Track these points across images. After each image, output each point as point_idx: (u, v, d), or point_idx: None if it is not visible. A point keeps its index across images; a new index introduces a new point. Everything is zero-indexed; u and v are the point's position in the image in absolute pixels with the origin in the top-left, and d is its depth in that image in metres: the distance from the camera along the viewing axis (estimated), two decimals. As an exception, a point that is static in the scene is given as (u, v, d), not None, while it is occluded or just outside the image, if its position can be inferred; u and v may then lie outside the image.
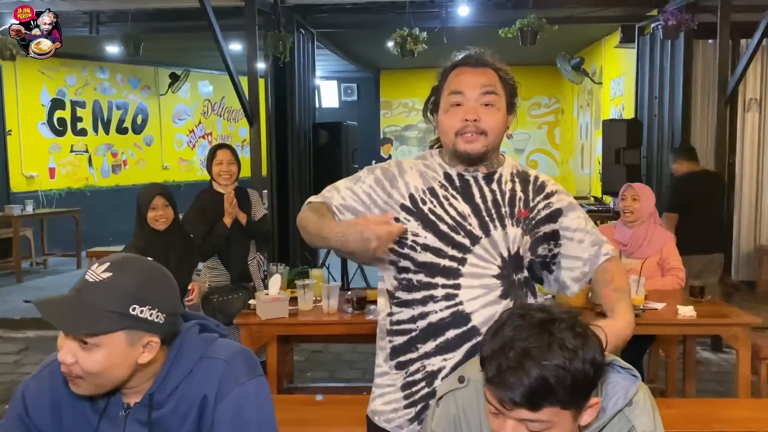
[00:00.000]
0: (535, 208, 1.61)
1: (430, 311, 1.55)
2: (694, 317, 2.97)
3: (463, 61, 1.61)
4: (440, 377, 1.53)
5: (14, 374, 4.71)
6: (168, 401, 1.28)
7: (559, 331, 1.14)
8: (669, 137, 5.99)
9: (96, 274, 1.21)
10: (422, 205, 1.58)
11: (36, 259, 8.42)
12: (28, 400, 1.33)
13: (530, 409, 1.11)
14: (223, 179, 3.65)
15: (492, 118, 1.55)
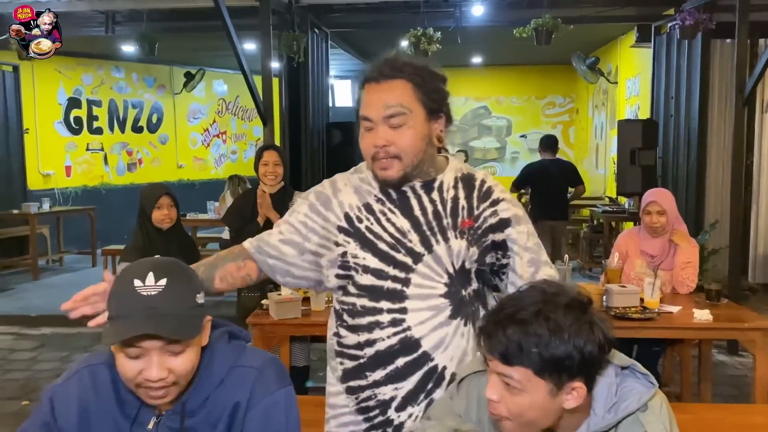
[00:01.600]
0: (481, 216, 1.51)
1: (377, 338, 1.47)
2: (711, 321, 2.93)
3: (368, 76, 1.48)
4: (393, 407, 1.47)
5: (30, 371, 4.75)
6: (200, 410, 1.29)
7: (555, 305, 1.18)
8: (685, 138, 5.93)
9: (151, 287, 1.20)
10: (358, 224, 1.50)
11: (52, 257, 8.50)
12: (55, 406, 1.32)
13: (504, 363, 1.18)
14: (269, 180, 3.70)
15: (403, 139, 1.44)
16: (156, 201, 3.23)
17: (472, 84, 11.80)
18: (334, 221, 1.52)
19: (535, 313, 1.17)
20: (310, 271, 1.57)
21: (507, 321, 1.18)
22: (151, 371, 1.20)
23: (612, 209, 7.43)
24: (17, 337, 5.60)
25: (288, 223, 1.58)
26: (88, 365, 1.35)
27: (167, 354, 1.21)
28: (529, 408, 1.19)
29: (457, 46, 6.64)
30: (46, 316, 5.95)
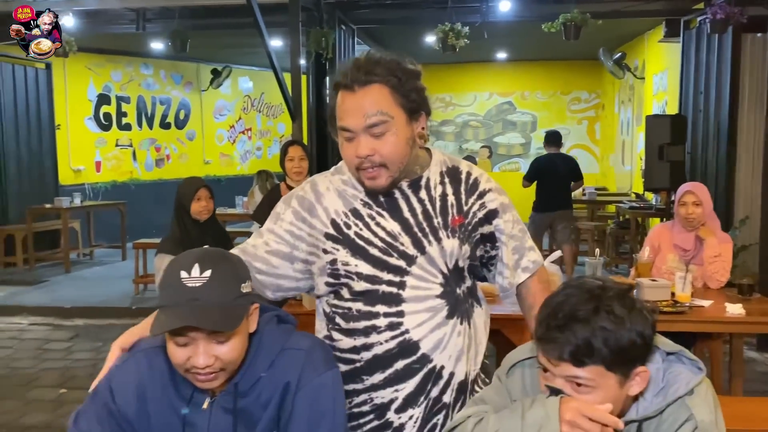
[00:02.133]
0: (470, 212, 1.50)
1: (374, 342, 1.44)
2: (743, 315, 2.93)
3: (341, 82, 1.40)
4: (392, 409, 1.45)
5: (66, 360, 4.88)
6: (252, 390, 1.33)
7: (608, 299, 1.19)
8: (715, 133, 5.87)
9: (196, 278, 1.24)
10: (347, 230, 1.45)
11: (83, 251, 8.67)
12: (114, 388, 1.37)
13: (575, 365, 1.18)
14: (296, 175, 3.78)
15: (388, 147, 1.38)
16: (195, 193, 3.32)
17: (497, 79, 11.77)
18: (321, 228, 1.48)
19: (594, 309, 1.18)
20: (302, 281, 1.54)
21: (570, 322, 1.18)
22: (197, 359, 1.24)
23: (639, 205, 7.38)
24: (52, 328, 5.74)
25: (273, 233, 1.52)
26: (144, 349, 1.40)
27: (213, 342, 1.25)
28: (601, 403, 1.20)
29: (482, 41, 6.66)
30: (80, 307, 6.09)
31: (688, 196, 3.40)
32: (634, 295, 1.25)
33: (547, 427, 1.18)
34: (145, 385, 1.37)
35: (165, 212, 9.89)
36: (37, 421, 3.76)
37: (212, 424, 1.34)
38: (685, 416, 1.24)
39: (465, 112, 11.98)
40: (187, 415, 1.35)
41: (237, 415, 1.33)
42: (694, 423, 1.23)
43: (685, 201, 3.39)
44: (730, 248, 3.47)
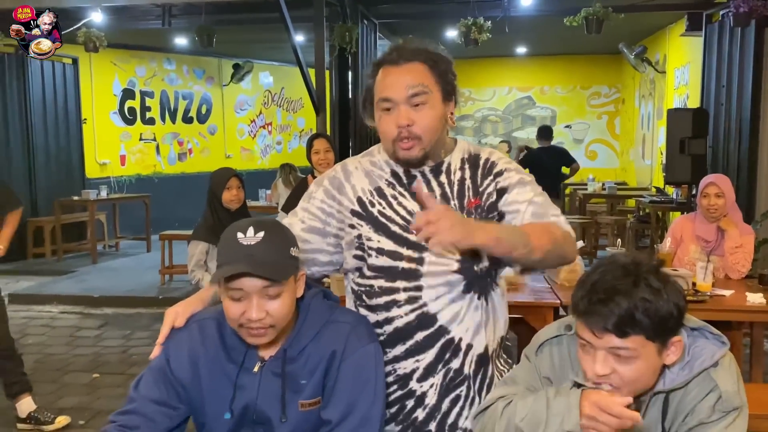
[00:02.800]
0: (485, 193, 1.56)
1: (395, 316, 1.53)
2: (764, 304, 2.97)
3: (386, 59, 1.52)
4: (414, 378, 1.54)
5: (97, 347, 5.03)
6: (299, 356, 1.44)
7: (644, 273, 1.26)
8: (737, 127, 5.88)
9: (251, 238, 1.37)
10: (371, 208, 1.55)
11: (108, 242, 8.85)
12: (169, 355, 1.49)
13: (619, 336, 1.24)
14: (322, 166, 3.87)
15: (425, 119, 1.49)
16: (226, 182, 3.43)
17: (517, 74, 11.79)
18: (347, 205, 1.58)
19: (633, 282, 1.24)
20: (335, 254, 1.63)
21: (612, 295, 1.24)
22: (251, 312, 1.35)
23: (659, 199, 7.39)
24: (82, 317, 5.90)
25: (307, 211, 1.62)
26: (197, 320, 1.52)
27: (265, 297, 1.36)
28: (644, 372, 1.27)
29: (500, 36, 6.69)
30: (108, 297, 6.25)
31: (710, 187, 3.44)
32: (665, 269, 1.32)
33: (569, 418, 1.24)
34: (198, 352, 1.48)
35: (187, 205, 10.11)
36: (73, 403, 3.90)
37: (262, 387, 1.44)
38: (709, 387, 1.31)
39: (484, 106, 12.01)
40: (238, 378, 1.45)
41: (285, 378, 1.44)
42: (718, 393, 1.30)
43: (707, 192, 3.44)
44: (752, 240, 3.50)
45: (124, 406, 1.49)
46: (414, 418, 1.57)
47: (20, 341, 5.17)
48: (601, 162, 11.66)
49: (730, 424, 1.30)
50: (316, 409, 1.45)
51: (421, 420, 1.56)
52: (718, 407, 1.30)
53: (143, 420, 1.45)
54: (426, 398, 1.56)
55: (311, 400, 1.44)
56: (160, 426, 1.47)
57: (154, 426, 1.46)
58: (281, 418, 1.44)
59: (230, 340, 1.47)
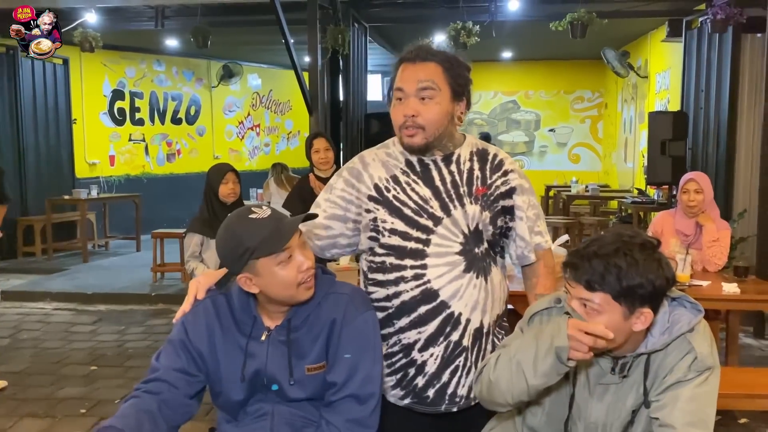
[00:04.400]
0: (493, 185, 1.74)
1: (402, 290, 1.70)
2: (738, 293, 3.15)
3: (405, 56, 1.71)
4: (416, 348, 1.71)
5: (92, 341, 5.10)
6: (302, 325, 1.60)
7: (631, 245, 1.42)
8: (715, 129, 6.09)
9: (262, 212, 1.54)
10: (387, 193, 1.73)
11: (98, 242, 8.89)
12: (188, 328, 1.64)
13: (587, 289, 1.42)
14: (322, 165, 3.99)
15: (430, 112, 1.66)
16: (223, 177, 3.55)
17: (502, 78, 11.99)
18: (365, 191, 1.75)
19: (615, 250, 1.41)
20: (354, 237, 1.81)
21: (591, 255, 1.42)
22: (304, 262, 1.53)
23: (641, 200, 7.60)
24: (76, 313, 5.96)
25: (327, 200, 1.80)
26: (210, 296, 1.67)
27: (305, 249, 1.56)
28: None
29: (486, 41, 6.87)
30: (101, 294, 6.31)
31: (690, 183, 3.62)
32: (660, 250, 1.46)
33: (558, 335, 1.41)
34: (213, 325, 1.63)
35: (176, 205, 10.16)
36: (73, 393, 3.98)
37: (270, 353, 1.60)
38: (686, 350, 1.47)
39: (470, 110, 12.17)
40: (248, 346, 1.61)
41: (290, 345, 1.59)
42: (694, 354, 1.46)
43: (687, 188, 3.62)
44: (728, 234, 3.69)
45: (147, 376, 1.62)
46: (415, 385, 1.74)
47: (15, 336, 5.24)
48: (585, 165, 11.89)
49: (704, 381, 1.45)
50: (322, 373, 1.60)
51: (420, 387, 1.74)
52: (694, 367, 1.46)
53: (166, 386, 1.59)
54: (426, 367, 1.72)
55: (317, 365, 1.59)
56: (180, 392, 1.60)
57: (176, 392, 1.60)
58: (290, 380, 1.58)
59: (239, 314, 1.63)
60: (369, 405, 1.57)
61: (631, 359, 1.50)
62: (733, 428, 3.40)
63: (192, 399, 1.64)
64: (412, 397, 1.75)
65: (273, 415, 1.61)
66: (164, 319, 5.65)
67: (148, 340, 5.09)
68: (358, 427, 1.56)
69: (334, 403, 1.57)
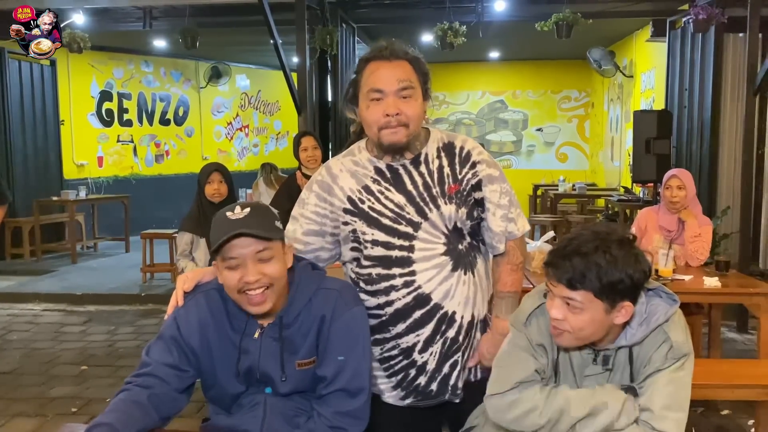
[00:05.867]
0: (464, 180, 1.74)
1: (395, 299, 1.71)
2: (719, 287, 3.22)
3: (378, 54, 1.68)
4: (416, 350, 1.73)
5: (83, 341, 5.11)
6: (294, 322, 1.62)
7: (609, 242, 1.46)
8: (698, 128, 6.18)
9: (239, 213, 1.53)
10: (362, 204, 1.72)
11: (87, 243, 8.88)
12: (180, 323, 1.65)
13: (569, 288, 1.45)
14: (310, 163, 4.01)
15: (411, 109, 1.67)
16: (208, 176, 3.57)
17: (490, 78, 12.07)
18: (339, 205, 1.74)
19: (594, 248, 1.44)
20: (335, 249, 1.82)
21: (571, 254, 1.44)
22: (248, 276, 1.51)
23: (627, 198, 7.69)
24: (66, 314, 5.96)
25: (303, 216, 1.80)
26: (202, 291, 1.68)
27: (259, 262, 1.52)
28: (589, 323, 1.48)
29: (474, 40, 6.93)
30: (91, 294, 6.32)
31: (673, 180, 3.69)
32: (636, 245, 1.50)
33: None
34: (206, 320, 1.64)
35: (164, 206, 10.13)
36: (64, 393, 4.00)
37: (263, 350, 1.62)
38: (662, 339, 1.53)
39: (458, 110, 12.27)
40: (242, 343, 1.62)
41: (283, 342, 1.61)
42: (670, 343, 1.52)
43: (670, 185, 3.69)
44: (710, 230, 3.76)
45: (138, 370, 1.64)
46: (417, 384, 1.77)
47: (4, 337, 5.24)
48: (572, 164, 12.00)
49: (680, 367, 1.51)
50: (312, 368, 1.62)
51: (423, 384, 1.77)
52: (670, 355, 1.52)
53: (157, 380, 1.61)
54: (427, 366, 1.75)
55: (307, 360, 1.62)
56: (170, 387, 1.62)
57: (166, 386, 1.62)
58: (281, 377, 1.61)
59: (233, 309, 1.63)
60: (359, 398, 1.60)
61: (613, 351, 1.56)
62: (715, 419, 3.48)
63: (182, 393, 1.66)
64: (415, 395, 1.78)
65: (266, 405, 1.64)
66: (154, 319, 5.67)
67: (139, 339, 5.10)
68: (348, 418, 1.59)
69: (325, 396, 1.61)
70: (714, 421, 3.45)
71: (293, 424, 1.62)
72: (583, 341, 1.53)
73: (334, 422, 1.58)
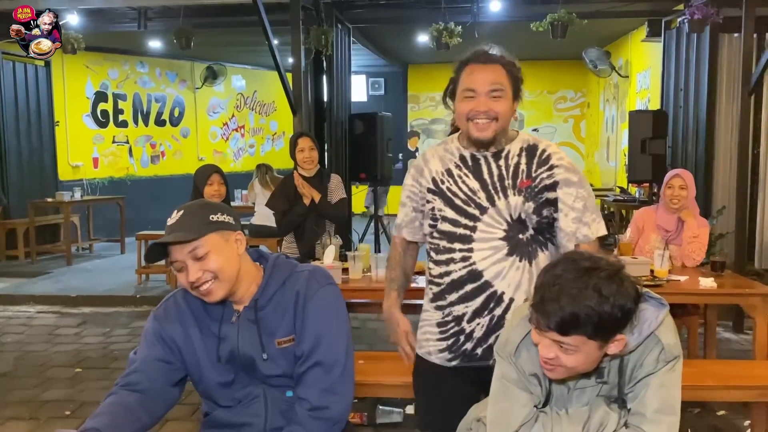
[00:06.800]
0: (538, 177, 1.88)
1: (452, 270, 1.91)
2: (715, 288, 3.21)
3: (474, 58, 1.88)
4: (465, 320, 1.91)
5: (77, 344, 5.08)
6: (269, 304, 1.68)
7: (598, 278, 1.37)
8: (694, 128, 6.19)
9: (174, 218, 1.60)
10: (442, 185, 1.94)
11: (82, 244, 8.85)
12: (160, 320, 1.72)
13: (560, 334, 1.40)
14: (306, 164, 4.00)
15: (501, 105, 1.85)
16: (208, 178, 3.59)
17: (485, 79, 12.04)
18: (425, 185, 1.98)
19: (583, 287, 1.35)
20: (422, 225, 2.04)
21: (559, 296, 1.35)
22: (190, 275, 1.57)
23: (623, 198, 7.69)
24: (60, 316, 5.94)
25: (407, 197, 2.05)
26: (180, 288, 1.73)
27: (195, 260, 1.57)
28: (583, 361, 1.44)
29: (469, 41, 6.89)
30: (86, 296, 6.29)
31: (675, 179, 3.69)
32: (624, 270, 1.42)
33: None
34: (185, 315, 1.71)
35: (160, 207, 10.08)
36: (57, 395, 3.97)
37: (241, 333, 1.67)
38: (654, 342, 1.51)
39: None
40: (221, 330, 1.68)
41: (259, 323, 1.67)
42: (661, 346, 1.51)
43: (672, 184, 3.69)
44: (707, 232, 3.76)
45: (126, 370, 1.68)
46: (464, 350, 1.94)
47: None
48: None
49: (670, 369, 1.51)
50: (292, 346, 1.67)
51: (469, 349, 1.94)
52: (662, 358, 1.51)
53: (145, 377, 1.65)
54: (474, 333, 1.92)
55: (286, 338, 1.67)
56: (159, 380, 1.67)
57: (155, 381, 1.66)
58: (263, 355, 1.66)
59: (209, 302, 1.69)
60: (335, 372, 1.64)
61: (607, 364, 1.54)
62: (711, 420, 3.47)
63: (174, 387, 1.71)
64: (462, 358, 1.95)
65: (266, 398, 1.69)
66: (149, 320, 5.64)
67: (134, 342, 5.08)
68: (328, 395, 1.62)
69: (303, 375, 1.65)
70: (709, 422, 3.44)
71: (288, 417, 1.67)
72: (578, 373, 1.51)
73: (314, 402, 1.62)
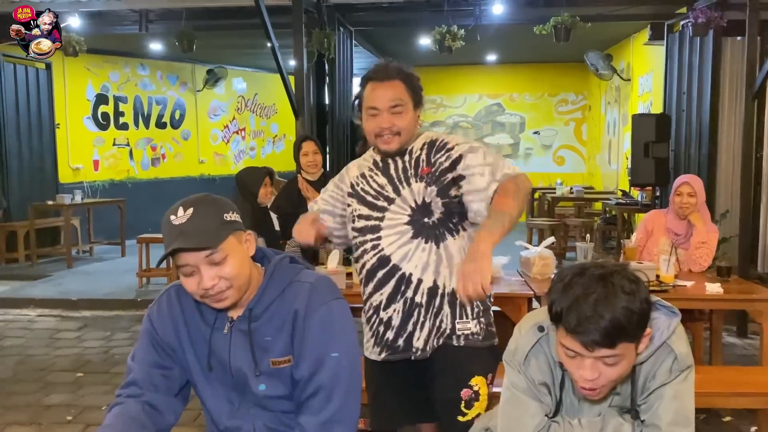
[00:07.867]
0: (436, 163, 2.01)
1: (366, 261, 2.05)
2: (721, 293, 3.19)
3: (374, 76, 2.01)
4: (381, 308, 2.02)
5: (78, 348, 5.06)
6: (264, 314, 1.55)
7: (617, 280, 1.36)
8: (697, 131, 6.17)
9: (182, 217, 1.44)
10: (357, 187, 2.11)
11: (83, 247, 8.82)
12: (153, 322, 1.62)
13: (609, 347, 1.35)
14: (310, 167, 4.01)
15: (403, 120, 1.99)
16: (263, 180, 3.80)
17: (486, 81, 12.06)
18: (346, 190, 2.15)
19: (611, 293, 1.33)
20: (343, 230, 2.19)
21: (594, 309, 1.32)
22: (204, 282, 1.45)
23: (625, 201, 7.68)
24: (61, 319, 5.91)
25: (322, 199, 2.23)
26: (174, 285, 1.64)
27: (212, 265, 1.44)
28: (626, 369, 1.40)
29: (471, 44, 6.90)
30: (86, 300, 6.26)
31: (684, 186, 3.67)
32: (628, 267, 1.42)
33: None
34: (177, 315, 1.61)
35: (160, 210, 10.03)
36: (59, 400, 3.95)
37: (232, 344, 1.56)
38: (666, 352, 1.49)
39: (455, 113, 12.26)
40: (212, 338, 1.57)
41: (252, 335, 1.54)
42: (674, 356, 1.48)
43: (681, 191, 3.67)
44: (716, 238, 3.74)
45: (125, 379, 1.61)
46: (386, 339, 2.04)
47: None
48: (569, 167, 11.99)
49: (684, 379, 1.48)
50: (288, 368, 1.54)
51: (391, 339, 2.04)
52: (674, 368, 1.48)
53: (146, 386, 1.58)
54: (392, 321, 2.03)
55: (282, 358, 1.54)
56: (161, 390, 1.60)
57: (157, 392, 1.59)
58: (255, 372, 1.54)
59: (203, 304, 1.56)
60: (337, 398, 1.51)
61: None
62: (717, 426, 3.45)
63: (176, 397, 1.63)
64: (386, 350, 2.04)
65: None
66: (150, 324, 5.61)
67: (135, 346, 5.04)
68: (331, 424, 1.50)
69: (303, 403, 1.53)
70: (716, 428, 3.42)
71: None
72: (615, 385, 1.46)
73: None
